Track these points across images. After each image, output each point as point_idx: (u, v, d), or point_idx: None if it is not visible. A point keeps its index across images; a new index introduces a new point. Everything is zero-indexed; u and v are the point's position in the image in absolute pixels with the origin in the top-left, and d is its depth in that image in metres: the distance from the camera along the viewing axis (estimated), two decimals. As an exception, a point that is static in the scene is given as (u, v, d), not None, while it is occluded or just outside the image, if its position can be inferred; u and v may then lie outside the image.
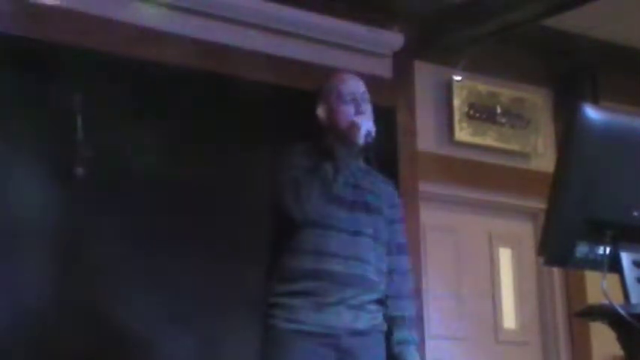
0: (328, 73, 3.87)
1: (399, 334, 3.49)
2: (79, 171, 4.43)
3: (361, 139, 3.33)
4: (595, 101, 5.87)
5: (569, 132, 2.27)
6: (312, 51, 5.31)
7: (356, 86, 3.52)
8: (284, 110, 4.89)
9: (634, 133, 2.32)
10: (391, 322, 3.49)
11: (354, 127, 3.35)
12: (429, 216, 5.71)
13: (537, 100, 6.23)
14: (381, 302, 3.47)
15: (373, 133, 3.36)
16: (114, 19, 4.74)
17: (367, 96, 3.52)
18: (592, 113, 2.25)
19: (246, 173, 4.81)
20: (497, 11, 5.53)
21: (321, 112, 3.50)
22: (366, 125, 3.35)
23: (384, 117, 5.50)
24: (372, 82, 5.52)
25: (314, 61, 5.28)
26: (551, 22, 5.77)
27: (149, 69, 4.72)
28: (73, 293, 4.37)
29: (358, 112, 3.43)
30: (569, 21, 5.80)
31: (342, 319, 3.33)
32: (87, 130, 4.46)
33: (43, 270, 4.32)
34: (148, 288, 4.48)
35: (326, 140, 3.44)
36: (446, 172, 5.80)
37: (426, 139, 5.78)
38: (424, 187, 5.67)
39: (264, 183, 3.51)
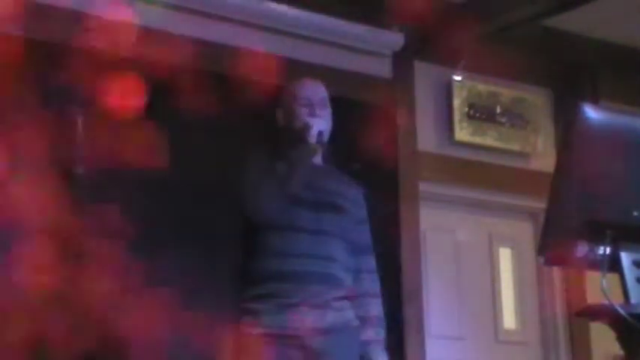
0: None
1: (364, 334, 3.52)
2: (79, 170, 4.43)
3: (312, 139, 3.43)
4: (595, 101, 5.87)
5: (569, 132, 2.27)
6: (311, 51, 5.31)
7: (313, 91, 3.60)
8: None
9: (634, 133, 2.32)
10: (360, 321, 3.52)
11: (305, 127, 3.44)
12: (429, 216, 5.71)
13: (537, 100, 6.24)
14: (349, 299, 3.50)
15: (326, 134, 3.48)
16: (114, 19, 4.73)
17: (327, 102, 3.59)
18: (592, 113, 2.25)
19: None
20: (497, 11, 5.53)
21: (279, 115, 3.60)
22: (318, 125, 3.46)
23: (383, 117, 5.55)
24: (372, 82, 5.57)
25: (314, 61, 5.28)
26: (551, 22, 5.78)
27: (149, 68, 4.71)
28: (73, 293, 4.37)
29: (312, 115, 3.50)
30: (570, 21, 5.80)
31: (306, 318, 3.36)
32: (86, 129, 4.46)
33: (43, 270, 4.31)
34: (148, 288, 4.48)
35: (283, 142, 3.52)
36: (446, 172, 5.80)
37: (426, 139, 5.78)
38: (424, 187, 5.67)
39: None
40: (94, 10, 4.70)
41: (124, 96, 4.59)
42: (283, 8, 5.16)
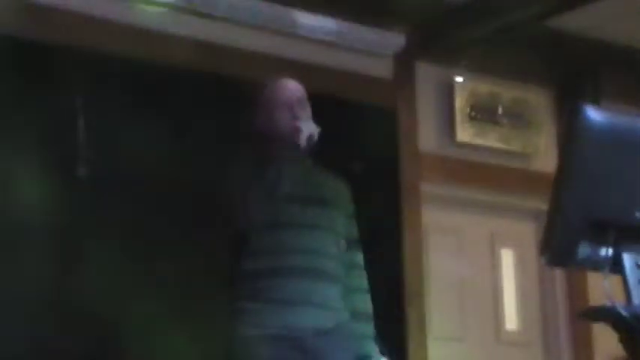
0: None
1: (357, 329, 3.50)
2: (81, 171, 4.42)
3: (303, 142, 3.37)
4: (596, 102, 5.87)
5: (570, 133, 2.27)
6: (312, 52, 5.30)
7: (291, 93, 3.55)
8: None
9: (635, 133, 2.32)
10: (350, 316, 3.50)
11: (295, 130, 3.39)
12: (431, 217, 5.70)
13: (539, 100, 6.23)
14: (342, 296, 3.48)
15: (316, 136, 3.41)
16: (114, 20, 4.74)
17: (305, 101, 3.55)
18: (593, 114, 2.24)
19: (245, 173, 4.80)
20: (499, 12, 5.52)
21: (258, 120, 3.54)
22: (308, 128, 3.40)
23: (385, 118, 5.55)
24: (373, 83, 5.57)
25: (315, 61, 5.28)
26: (553, 22, 5.77)
27: (149, 69, 4.72)
28: (73, 293, 4.37)
29: (294, 118, 3.45)
30: (571, 21, 5.80)
31: (306, 319, 3.34)
32: (88, 130, 4.46)
33: (44, 270, 4.31)
34: (149, 288, 4.48)
35: (267, 147, 3.46)
36: (448, 173, 5.79)
37: (428, 140, 5.78)
38: (426, 187, 5.66)
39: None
40: (95, 11, 4.70)
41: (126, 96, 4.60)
42: (284, 9, 5.15)
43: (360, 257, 3.61)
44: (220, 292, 4.55)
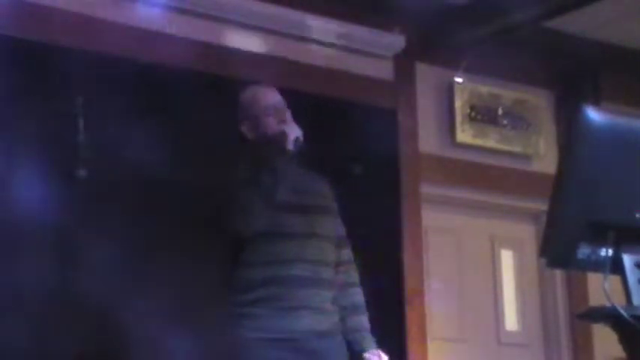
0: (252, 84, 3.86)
1: (351, 322, 3.58)
2: (81, 172, 4.43)
3: (291, 145, 3.44)
4: (596, 103, 5.87)
5: (570, 134, 2.26)
6: (313, 53, 5.30)
7: (273, 97, 3.63)
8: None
9: (635, 134, 2.31)
10: (342, 310, 3.56)
11: (282, 135, 3.45)
12: (431, 218, 5.70)
13: (539, 101, 6.23)
14: (336, 294, 3.56)
15: (301, 138, 3.48)
16: (114, 21, 4.74)
17: (284, 103, 3.62)
18: (593, 115, 2.24)
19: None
20: (499, 13, 5.52)
21: (245, 127, 3.60)
22: (294, 132, 3.47)
23: (385, 119, 5.55)
24: (374, 84, 5.57)
25: (315, 63, 5.28)
26: (553, 23, 5.77)
27: (149, 70, 4.72)
28: (73, 293, 4.37)
29: (281, 122, 3.52)
30: (571, 22, 5.80)
31: (304, 322, 3.41)
32: (88, 131, 4.46)
33: (44, 270, 4.31)
34: (148, 288, 4.48)
35: (258, 152, 3.51)
36: (448, 174, 5.79)
37: (428, 141, 5.78)
38: (426, 189, 5.66)
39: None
40: (95, 11, 4.70)
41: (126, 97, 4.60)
42: (284, 10, 5.15)
43: (349, 252, 3.68)
44: (219, 293, 4.57)
